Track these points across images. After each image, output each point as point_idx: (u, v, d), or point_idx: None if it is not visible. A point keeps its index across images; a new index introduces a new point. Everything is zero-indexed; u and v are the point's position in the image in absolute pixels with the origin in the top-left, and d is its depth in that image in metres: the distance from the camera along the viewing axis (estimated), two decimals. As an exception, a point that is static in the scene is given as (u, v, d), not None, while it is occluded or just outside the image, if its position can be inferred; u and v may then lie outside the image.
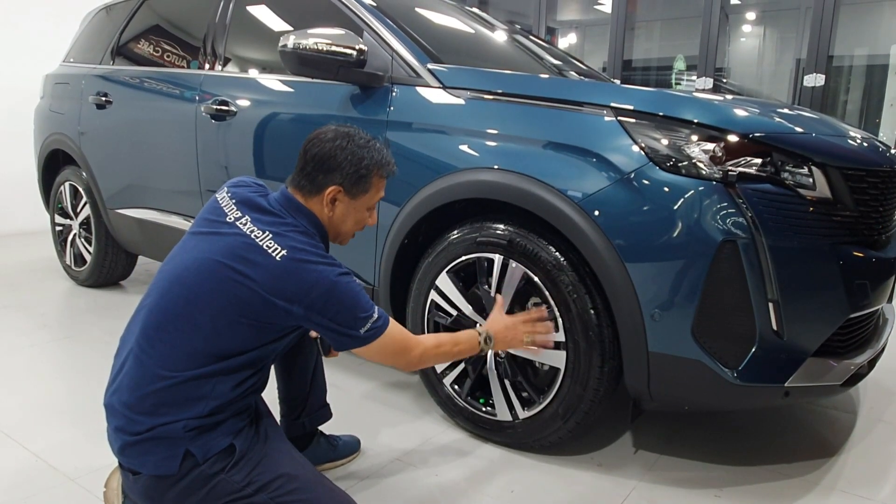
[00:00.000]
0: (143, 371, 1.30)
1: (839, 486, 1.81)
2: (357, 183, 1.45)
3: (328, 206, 1.45)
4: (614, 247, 1.66)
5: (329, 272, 1.33)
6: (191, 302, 1.31)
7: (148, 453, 1.29)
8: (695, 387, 1.67)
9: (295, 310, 1.31)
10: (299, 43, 2.05)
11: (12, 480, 1.74)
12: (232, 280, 1.30)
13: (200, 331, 1.30)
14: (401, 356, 1.46)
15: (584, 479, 1.82)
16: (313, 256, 1.33)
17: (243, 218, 1.37)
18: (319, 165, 1.42)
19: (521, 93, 1.92)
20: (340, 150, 1.42)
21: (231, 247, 1.32)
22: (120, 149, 3.22)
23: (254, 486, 1.30)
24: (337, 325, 1.35)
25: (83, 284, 3.72)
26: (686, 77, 5.98)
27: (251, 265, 1.30)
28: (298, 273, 1.30)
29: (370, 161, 1.45)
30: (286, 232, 1.35)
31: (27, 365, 2.56)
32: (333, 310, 1.33)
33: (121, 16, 3.49)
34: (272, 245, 1.32)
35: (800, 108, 2.17)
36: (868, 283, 1.73)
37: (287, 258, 1.30)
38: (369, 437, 2.01)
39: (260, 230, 1.34)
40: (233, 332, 1.31)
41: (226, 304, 1.30)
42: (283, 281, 1.29)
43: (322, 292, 1.31)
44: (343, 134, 1.45)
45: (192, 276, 1.32)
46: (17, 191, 5.09)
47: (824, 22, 4.41)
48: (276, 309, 1.31)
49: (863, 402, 2.37)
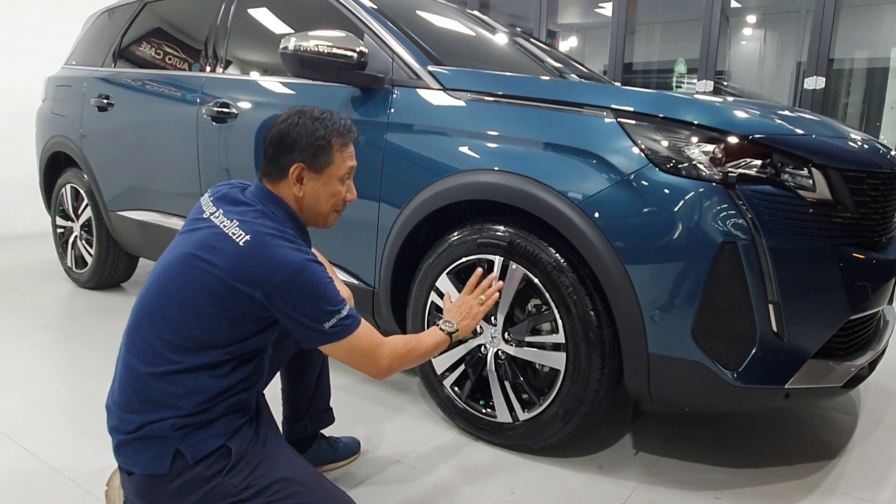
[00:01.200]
0: (128, 370, 1.33)
1: (840, 489, 1.81)
2: (317, 155, 1.43)
3: (296, 186, 1.43)
4: (614, 248, 1.66)
5: (294, 256, 1.30)
6: (162, 295, 1.32)
7: (139, 452, 1.30)
8: (695, 388, 1.67)
9: (257, 295, 1.28)
10: (300, 45, 2.06)
11: (13, 481, 1.74)
12: (198, 268, 1.30)
13: (171, 323, 1.30)
14: (370, 359, 1.39)
15: (584, 480, 1.82)
16: (279, 240, 1.31)
17: (217, 212, 1.37)
18: (278, 147, 1.42)
19: (521, 94, 1.92)
20: (293, 127, 1.41)
21: (201, 238, 1.33)
22: (121, 151, 3.23)
23: (252, 490, 1.30)
24: (301, 316, 1.31)
25: (84, 286, 3.72)
26: (687, 80, 5.98)
27: (216, 252, 1.30)
28: (261, 256, 1.28)
29: (325, 131, 1.43)
30: (254, 218, 1.34)
31: (28, 366, 2.57)
32: (296, 297, 1.29)
33: (123, 19, 3.50)
34: (237, 231, 1.31)
35: (800, 109, 2.17)
36: (868, 285, 1.73)
37: (250, 242, 1.29)
38: (369, 439, 2.00)
39: (228, 219, 1.34)
40: (203, 322, 1.30)
41: (192, 293, 1.29)
42: (245, 264, 1.28)
43: (285, 277, 1.28)
44: (296, 112, 1.44)
45: (167, 273, 1.34)
46: (18, 193, 5.10)
47: (824, 25, 4.42)
48: (239, 294, 1.28)
49: (863, 405, 2.37)
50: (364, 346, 1.38)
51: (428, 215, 2.00)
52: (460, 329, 1.60)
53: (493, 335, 1.94)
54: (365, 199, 2.16)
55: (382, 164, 2.11)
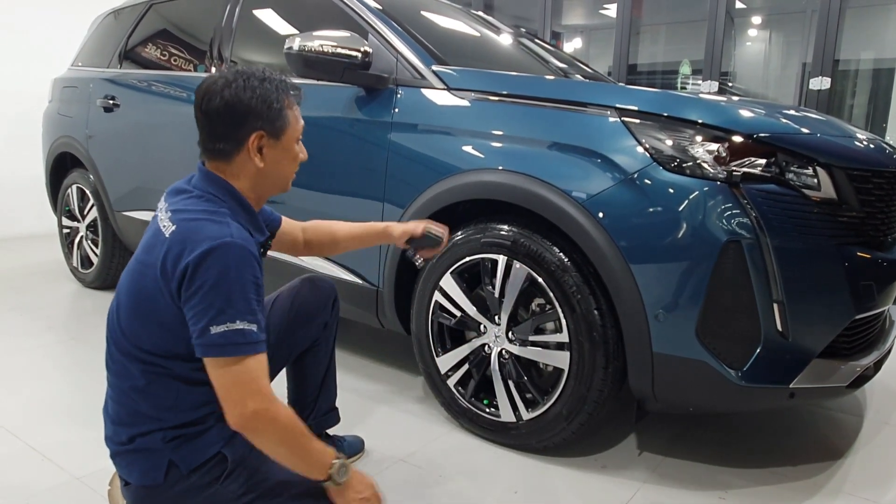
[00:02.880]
0: (113, 382, 1.31)
1: (845, 489, 1.80)
2: (276, 120, 1.29)
3: (257, 157, 1.29)
4: (618, 247, 1.66)
5: (213, 231, 1.16)
6: (123, 309, 1.28)
7: (133, 464, 1.28)
8: (699, 388, 1.67)
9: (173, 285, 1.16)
10: (304, 45, 2.06)
11: (19, 479, 1.75)
12: (141, 275, 1.24)
13: (124, 335, 1.27)
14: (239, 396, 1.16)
15: (588, 480, 1.82)
16: (203, 222, 1.18)
17: (165, 206, 1.28)
18: (229, 118, 1.25)
19: (525, 94, 1.92)
20: (242, 92, 1.25)
21: (145, 241, 1.27)
22: (127, 152, 3.24)
23: (252, 495, 1.28)
24: (194, 310, 1.14)
25: (90, 286, 3.74)
26: (691, 81, 5.97)
27: (150, 251, 1.23)
28: (181, 241, 1.17)
29: (277, 93, 1.29)
30: (186, 206, 1.23)
31: (34, 366, 2.58)
32: (199, 280, 1.13)
33: (128, 20, 3.52)
34: (167, 224, 1.22)
35: (806, 109, 2.16)
36: (874, 285, 1.73)
37: (174, 231, 1.19)
38: (373, 438, 2.01)
39: (165, 213, 1.25)
40: (163, 332, 1.23)
41: (143, 302, 1.23)
42: (168, 254, 1.17)
43: (194, 256, 1.13)
44: (234, 76, 1.27)
45: (125, 284, 1.30)
46: (24, 194, 5.13)
47: (830, 25, 4.41)
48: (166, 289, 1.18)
49: (869, 405, 2.36)
50: (242, 378, 1.15)
51: (432, 215, 2.00)
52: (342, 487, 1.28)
53: (496, 334, 1.94)
54: (369, 198, 2.18)
55: (386, 163, 2.11)
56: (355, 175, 2.21)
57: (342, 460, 1.29)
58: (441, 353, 2.07)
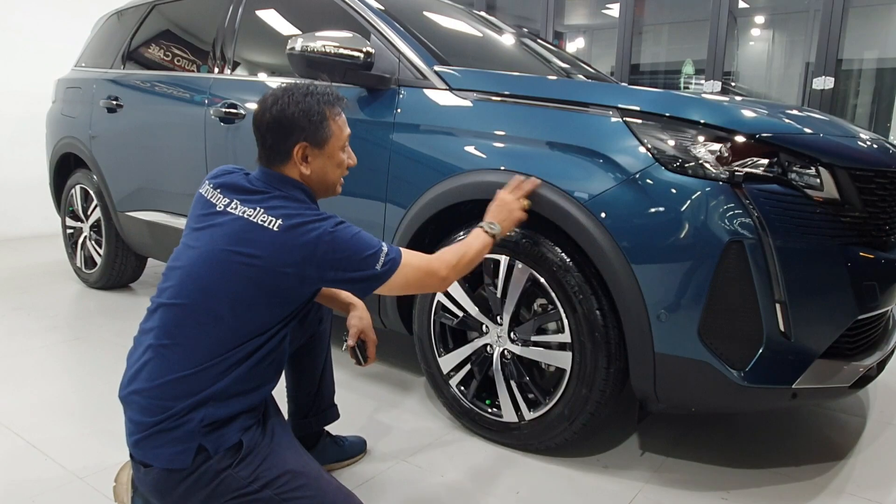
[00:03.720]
0: (166, 364, 1.31)
1: (848, 490, 1.80)
2: (318, 132, 1.43)
3: (303, 165, 1.44)
4: (620, 247, 1.66)
5: (325, 226, 1.34)
6: (209, 295, 1.32)
7: (162, 447, 1.30)
8: (701, 388, 1.66)
9: (308, 272, 1.33)
10: (307, 46, 2.07)
11: (22, 477, 1.76)
12: (240, 263, 1.31)
13: (223, 321, 1.32)
14: (427, 277, 1.48)
15: (589, 480, 1.82)
16: (307, 217, 1.35)
17: (232, 203, 1.38)
18: (276, 132, 1.41)
19: (527, 94, 1.92)
20: (287, 108, 1.40)
21: (230, 232, 1.34)
22: (130, 152, 3.25)
23: (260, 482, 1.31)
24: (352, 273, 1.37)
25: (93, 287, 3.75)
26: (694, 81, 5.96)
27: (253, 244, 1.32)
28: (298, 237, 1.32)
29: (319, 106, 1.43)
30: (276, 204, 1.36)
31: (38, 365, 2.59)
32: (342, 259, 1.35)
33: (131, 21, 3.53)
34: (266, 218, 1.33)
35: (809, 109, 2.16)
36: (877, 285, 1.72)
37: (283, 227, 1.32)
38: (375, 438, 2.01)
39: (251, 209, 1.36)
40: (254, 314, 1.34)
41: (241, 288, 1.31)
42: (286, 249, 1.31)
43: (326, 248, 1.33)
44: (281, 92, 1.43)
45: (204, 270, 1.34)
46: (29, 195, 5.15)
47: (833, 25, 4.39)
48: (288, 278, 1.32)
49: (872, 406, 2.35)
50: (417, 266, 1.46)
51: (434, 215, 2.01)
52: (502, 229, 1.66)
53: (499, 335, 1.94)
54: (371, 199, 2.18)
55: (389, 164, 2.11)
56: (357, 175, 2.19)
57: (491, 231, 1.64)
58: (443, 354, 2.07)
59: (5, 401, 2.22)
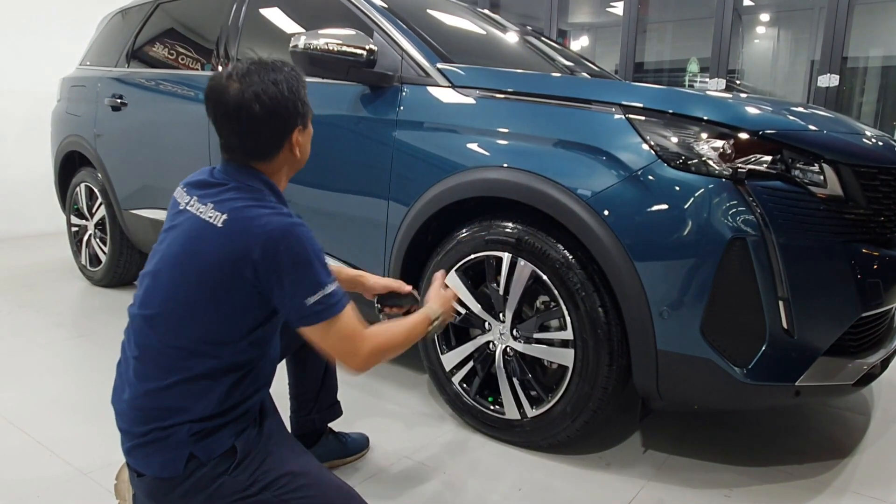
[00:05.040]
0: (143, 377, 1.29)
1: (851, 488, 1.79)
2: (306, 112, 1.36)
3: (297, 149, 1.35)
4: (623, 244, 1.66)
5: (276, 220, 1.22)
6: (164, 302, 1.27)
7: (152, 456, 1.28)
8: (704, 385, 1.66)
9: (247, 273, 1.21)
10: (310, 43, 2.07)
11: (27, 474, 1.77)
12: (189, 265, 1.25)
13: (180, 328, 1.26)
14: (350, 348, 1.28)
15: (592, 478, 1.82)
16: (257, 209, 1.24)
17: (191, 200, 1.31)
18: (271, 121, 1.29)
19: (530, 91, 1.92)
20: (279, 93, 1.28)
21: (183, 233, 1.29)
22: (134, 150, 3.26)
23: (259, 485, 1.28)
24: (286, 286, 1.21)
25: (98, 284, 3.76)
26: (699, 79, 5.95)
27: (200, 241, 1.25)
28: (240, 229, 1.22)
29: (297, 84, 1.33)
30: (227, 197, 1.27)
31: (43, 363, 2.60)
32: (282, 264, 1.20)
33: (136, 19, 3.54)
34: (213, 214, 1.25)
35: (813, 106, 2.15)
36: (880, 282, 1.71)
37: (228, 220, 1.23)
38: (378, 435, 2.01)
39: (203, 204, 1.28)
40: (211, 320, 1.25)
41: (191, 292, 1.25)
42: (228, 244, 1.22)
43: (269, 242, 1.20)
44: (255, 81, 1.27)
45: (165, 275, 1.29)
46: (34, 193, 5.17)
47: (838, 22, 4.38)
48: (233, 279, 1.22)
49: (876, 404, 2.34)
50: (347, 331, 1.27)
51: (437, 212, 2.01)
52: (442, 320, 1.54)
53: (501, 332, 1.94)
54: (374, 196, 2.18)
55: (391, 161, 2.12)
56: (360, 173, 2.22)
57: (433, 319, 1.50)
58: (446, 351, 2.07)
59: (10, 397, 2.24)
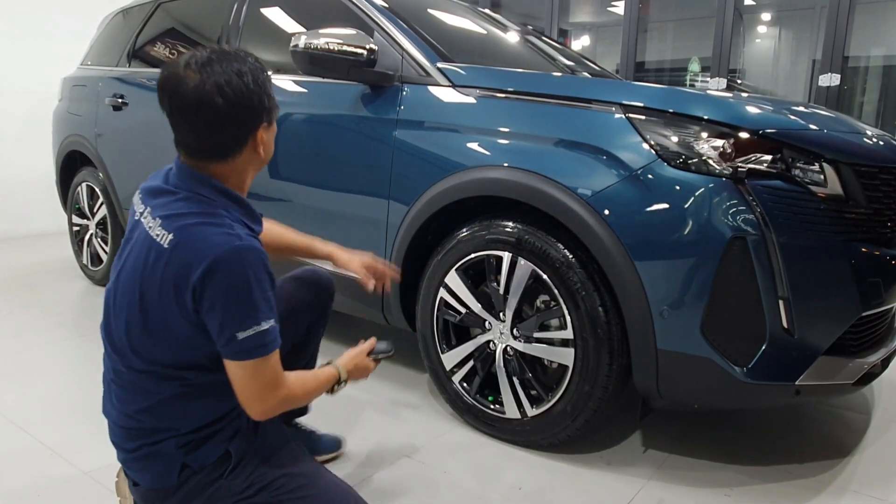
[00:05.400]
0: (121, 399, 1.27)
1: (852, 487, 1.79)
2: (272, 107, 1.26)
3: (259, 147, 1.25)
4: (623, 244, 1.66)
5: (225, 242, 1.12)
6: (129, 326, 1.22)
7: (144, 469, 1.28)
8: (704, 385, 1.66)
9: (186, 296, 1.12)
10: (310, 43, 2.07)
11: (28, 473, 1.77)
12: (143, 289, 1.18)
13: (147, 352, 1.22)
14: (266, 394, 1.20)
15: (592, 477, 1.82)
16: (205, 227, 1.14)
17: (145, 210, 1.23)
18: (234, 116, 1.18)
19: (530, 91, 1.92)
20: (237, 91, 1.16)
21: (135, 252, 1.21)
22: (135, 150, 3.26)
23: (255, 487, 1.28)
24: (219, 313, 1.12)
25: (99, 284, 3.77)
26: (700, 78, 5.94)
27: (149, 264, 1.17)
28: (186, 253, 1.12)
29: (264, 75, 1.23)
30: (176, 210, 1.18)
31: (44, 362, 2.60)
32: (217, 289, 1.10)
33: (137, 19, 3.54)
34: (160, 232, 1.16)
35: (814, 105, 2.15)
36: (881, 281, 1.71)
37: (173, 240, 1.14)
38: (378, 434, 2.01)
39: (153, 218, 1.19)
40: (169, 345, 1.20)
41: (149, 316, 1.19)
42: (172, 267, 1.13)
43: (212, 265, 1.10)
44: (217, 72, 1.16)
45: (121, 299, 1.23)
46: (35, 193, 5.17)
47: (839, 22, 4.37)
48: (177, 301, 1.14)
49: (877, 403, 2.34)
50: (269, 378, 1.20)
51: (437, 212, 2.01)
52: (349, 377, 1.44)
53: (501, 331, 1.94)
54: (374, 196, 2.18)
55: (392, 161, 2.12)
56: (361, 172, 2.22)
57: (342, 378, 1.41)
58: (446, 350, 2.07)
59: (11, 397, 2.24)
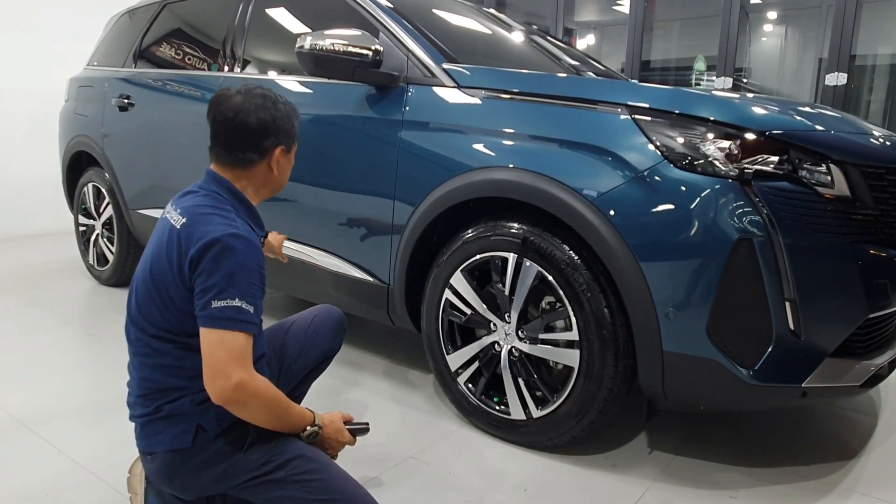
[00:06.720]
0: (137, 365, 1.39)
1: (858, 489, 1.78)
2: (293, 138, 1.52)
3: (275, 166, 1.48)
4: (629, 245, 1.65)
5: (221, 230, 1.29)
6: (142, 296, 1.36)
7: (161, 431, 1.34)
8: (710, 386, 1.66)
9: (185, 268, 1.28)
10: (316, 44, 2.08)
11: (35, 474, 1.78)
12: (156, 263, 1.34)
13: (155, 318, 1.34)
14: (230, 368, 1.23)
15: (597, 478, 1.82)
16: (212, 216, 1.33)
17: (170, 207, 1.42)
18: (257, 134, 1.43)
19: (535, 92, 1.92)
20: (270, 113, 1.44)
21: (156, 236, 1.40)
22: (142, 150, 3.28)
23: (273, 464, 1.33)
24: (201, 282, 1.26)
25: (105, 284, 3.78)
26: (706, 77, 5.92)
27: (164, 241, 1.34)
28: (191, 231, 1.30)
29: (292, 114, 1.51)
30: (192, 202, 1.38)
31: (50, 361, 2.62)
32: (208, 266, 1.26)
33: (143, 20, 3.56)
34: (176, 218, 1.35)
35: (821, 106, 2.14)
36: (888, 283, 1.71)
37: (185, 222, 1.32)
38: (383, 435, 2.02)
39: (174, 210, 1.39)
40: (172, 313, 1.32)
41: (159, 287, 1.32)
42: (180, 242, 1.31)
43: (207, 244, 1.26)
44: (257, 95, 1.44)
45: (139, 275, 1.39)
46: (42, 193, 5.19)
47: (846, 20, 4.35)
48: (180, 273, 1.29)
49: (884, 405, 2.33)
50: (236, 351, 1.25)
51: (442, 213, 2.01)
52: (320, 436, 1.44)
53: (507, 332, 1.94)
54: (380, 196, 2.18)
55: (397, 161, 2.12)
56: (366, 173, 2.22)
57: (315, 429, 1.42)
58: (451, 351, 2.08)
59: (18, 396, 2.25)
